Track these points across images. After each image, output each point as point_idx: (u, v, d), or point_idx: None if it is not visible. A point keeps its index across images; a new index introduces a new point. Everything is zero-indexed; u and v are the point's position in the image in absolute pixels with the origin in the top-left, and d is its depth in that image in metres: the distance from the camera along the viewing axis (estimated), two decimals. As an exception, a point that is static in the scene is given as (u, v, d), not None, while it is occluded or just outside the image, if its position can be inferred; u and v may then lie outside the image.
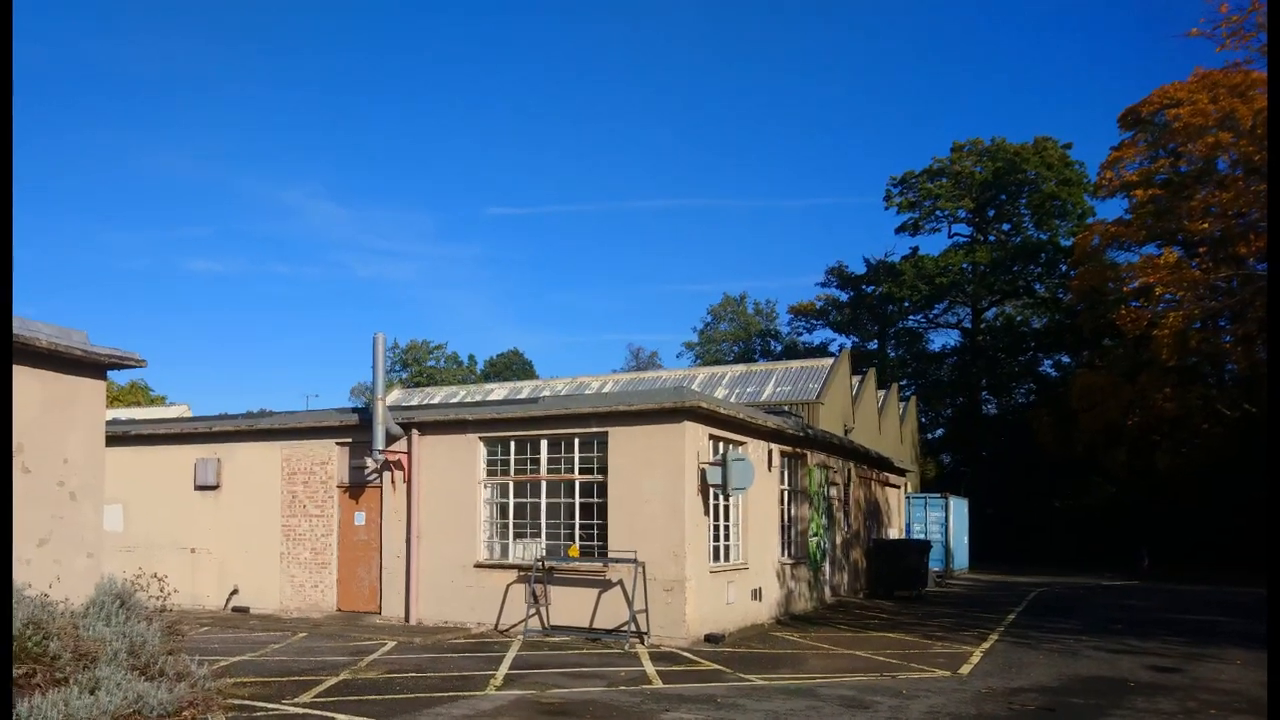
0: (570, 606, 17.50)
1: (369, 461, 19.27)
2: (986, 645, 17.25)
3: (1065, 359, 58.67)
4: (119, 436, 21.08)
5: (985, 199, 61.37)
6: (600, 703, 11.38)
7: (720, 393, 35.40)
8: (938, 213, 62.43)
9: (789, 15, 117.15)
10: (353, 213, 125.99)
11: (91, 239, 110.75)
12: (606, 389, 37.81)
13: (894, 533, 34.40)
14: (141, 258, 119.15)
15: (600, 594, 17.31)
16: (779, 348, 73.34)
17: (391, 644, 16.19)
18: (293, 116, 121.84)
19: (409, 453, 19.28)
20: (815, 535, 23.96)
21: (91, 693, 8.23)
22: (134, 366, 12.08)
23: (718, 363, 66.04)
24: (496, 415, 18.69)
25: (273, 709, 10.63)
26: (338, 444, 20.35)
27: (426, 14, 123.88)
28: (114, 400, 50.70)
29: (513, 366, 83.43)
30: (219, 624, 19.00)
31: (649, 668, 14.03)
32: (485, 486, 18.86)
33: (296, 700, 11.17)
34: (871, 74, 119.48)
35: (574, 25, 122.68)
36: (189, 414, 37.01)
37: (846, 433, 33.43)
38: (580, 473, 17.95)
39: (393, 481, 19.50)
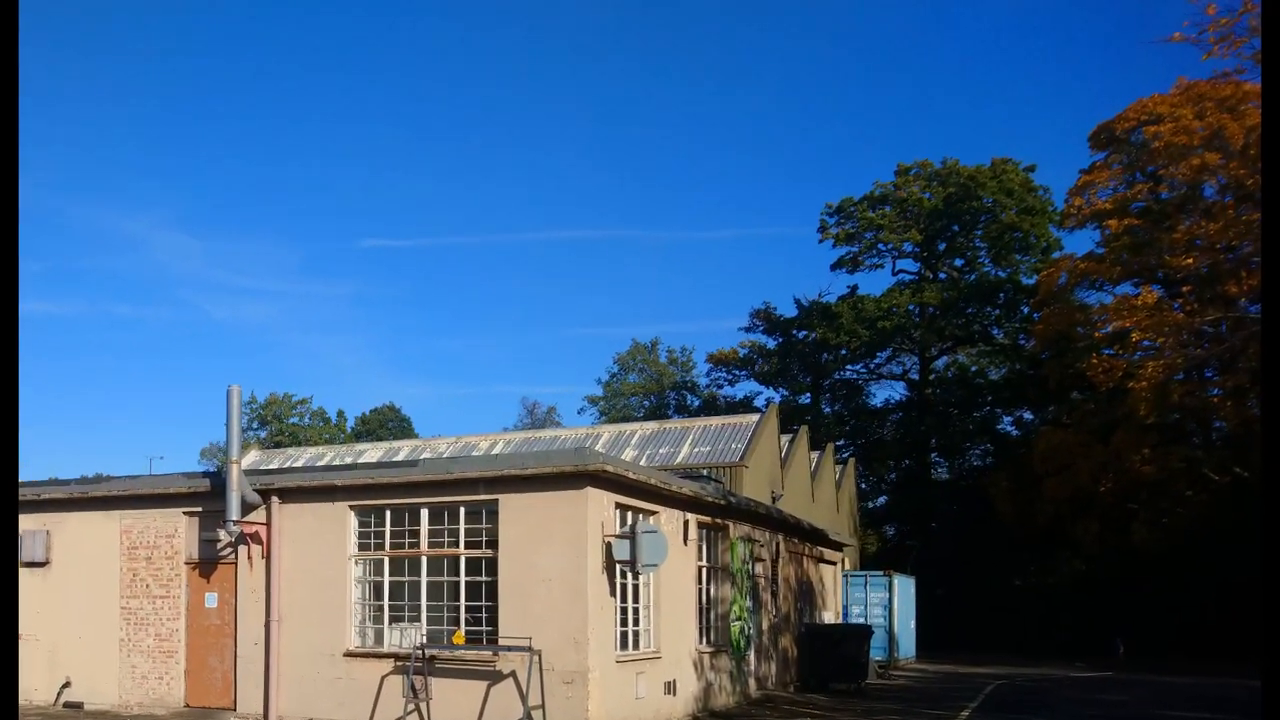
0: (455, 701, 17.93)
1: (222, 534, 19.56)
2: (937, 748, 17.85)
3: (1027, 415, 59.66)
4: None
5: (935, 230, 62.15)
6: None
7: (629, 454, 36.14)
8: (880, 246, 63.16)
9: (707, 19, 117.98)
10: (205, 245, 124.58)
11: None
12: (497, 450, 38.32)
13: (830, 616, 35.14)
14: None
15: (490, 687, 17.78)
16: (696, 402, 74.22)
17: (248, 746, 16.63)
18: (134, 134, 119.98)
19: (268, 524, 19.64)
20: (738, 619, 24.59)
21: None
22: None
23: (626, 420, 66.57)
24: (370, 480, 19.10)
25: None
26: (186, 514, 20.72)
27: (286, 16, 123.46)
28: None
29: (388, 424, 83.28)
30: (47, 723, 19.27)
31: (546, 769, 14.51)
32: (356, 563, 19.30)
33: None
34: (803, 85, 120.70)
35: (460, 29, 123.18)
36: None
37: (775, 501, 34.16)
38: (466, 547, 18.38)
39: (250, 557, 19.85)
